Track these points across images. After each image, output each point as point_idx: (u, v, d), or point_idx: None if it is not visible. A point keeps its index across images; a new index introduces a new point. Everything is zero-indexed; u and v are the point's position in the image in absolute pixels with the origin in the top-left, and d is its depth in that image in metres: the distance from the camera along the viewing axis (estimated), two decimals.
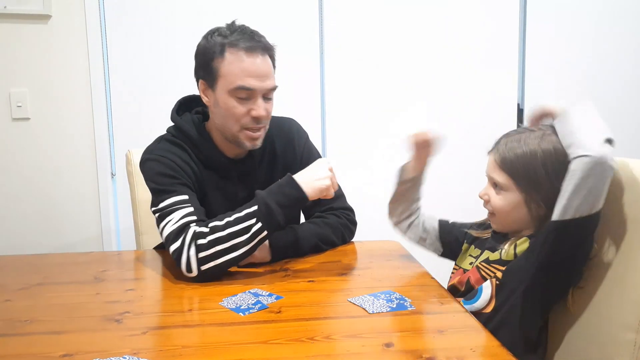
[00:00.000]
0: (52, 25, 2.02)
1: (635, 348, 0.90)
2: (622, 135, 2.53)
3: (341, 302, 0.98)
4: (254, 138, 1.22)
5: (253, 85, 1.17)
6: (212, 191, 1.27)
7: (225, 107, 1.19)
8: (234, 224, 1.09)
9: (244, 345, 0.80)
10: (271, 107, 1.25)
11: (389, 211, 1.26)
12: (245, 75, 1.16)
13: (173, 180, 1.19)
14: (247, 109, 1.18)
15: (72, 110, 2.07)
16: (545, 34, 2.30)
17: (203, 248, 1.07)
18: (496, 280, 1.02)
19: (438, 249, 1.24)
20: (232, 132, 1.21)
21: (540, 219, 1.01)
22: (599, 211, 0.92)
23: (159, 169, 1.20)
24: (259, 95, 1.19)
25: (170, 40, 2.09)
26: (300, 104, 2.19)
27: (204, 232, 1.09)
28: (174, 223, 1.12)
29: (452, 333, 0.85)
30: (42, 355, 0.78)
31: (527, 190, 1.01)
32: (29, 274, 1.18)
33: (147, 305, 0.98)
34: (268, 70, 1.20)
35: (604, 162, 0.88)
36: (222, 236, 1.08)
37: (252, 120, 1.19)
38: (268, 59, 1.21)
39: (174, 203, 1.15)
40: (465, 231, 1.19)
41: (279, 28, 2.15)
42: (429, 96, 2.28)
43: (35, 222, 2.09)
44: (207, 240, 1.08)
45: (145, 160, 1.24)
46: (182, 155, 1.24)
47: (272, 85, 1.21)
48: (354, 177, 2.26)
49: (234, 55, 1.17)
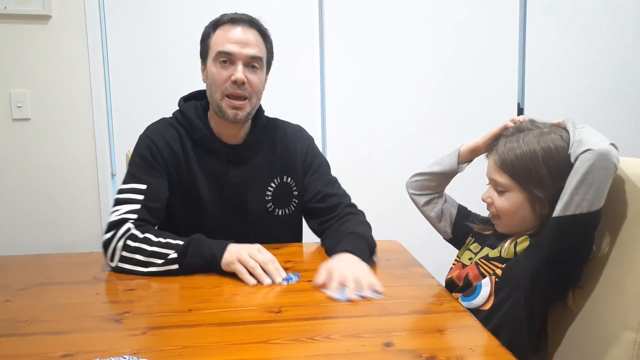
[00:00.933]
0: (53, 26, 2.02)
1: (635, 347, 0.90)
2: (620, 134, 2.54)
3: (341, 302, 0.98)
4: (235, 107, 1.27)
5: (231, 49, 1.25)
6: (202, 172, 1.32)
7: (211, 74, 1.28)
8: (160, 246, 1.16)
9: (244, 345, 0.80)
10: (257, 80, 1.29)
11: (414, 180, 1.23)
12: (226, 42, 1.25)
13: (144, 163, 1.28)
14: (228, 74, 1.26)
15: (72, 110, 2.07)
16: (545, 32, 2.30)
17: (128, 249, 1.16)
18: (495, 277, 1.02)
19: (447, 233, 1.24)
20: (216, 101, 1.29)
21: (544, 218, 1.01)
22: (599, 209, 0.92)
23: (139, 150, 1.31)
24: (238, 60, 1.25)
25: (171, 40, 2.09)
26: (300, 103, 2.19)
27: (136, 236, 1.17)
28: (117, 215, 1.21)
29: (452, 332, 0.85)
30: (42, 355, 0.78)
31: (529, 189, 1.01)
32: (30, 274, 1.19)
33: (147, 306, 0.98)
34: (250, 39, 1.27)
35: (607, 157, 0.89)
36: (146, 250, 1.16)
37: (233, 86, 1.25)
38: (254, 31, 1.29)
39: (130, 189, 1.25)
40: (470, 224, 1.19)
41: (279, 28, 2.15)
42: (429, 95, 2.28)
43: (35, 223, 2.09)
44: (134, 246, 1.16)
45: (139, 137, 1.35)
46: (170, 136, 1.32)
47: (253, 52, 1.26)
48: (354, 176, 2.26)
49: (221, 28, 1.28)
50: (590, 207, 0.91)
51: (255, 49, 1.27)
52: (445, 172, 1.20)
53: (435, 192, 1.23)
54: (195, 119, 1.33)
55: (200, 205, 1.32)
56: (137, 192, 1.25)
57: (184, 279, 1.12)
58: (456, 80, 2.28)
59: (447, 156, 1.21)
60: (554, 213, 0.95)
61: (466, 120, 2.28)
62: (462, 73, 2.28)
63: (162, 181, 1.29)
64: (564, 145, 0.99)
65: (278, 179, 1.38)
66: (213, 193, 1.31)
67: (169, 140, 1.31)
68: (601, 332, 0.96)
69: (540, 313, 1.02)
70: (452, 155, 1.19)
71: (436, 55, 2.27)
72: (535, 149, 1.00)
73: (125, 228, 1.18)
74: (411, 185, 1.25)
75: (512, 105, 2.32)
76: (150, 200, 1.25)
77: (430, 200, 1.23)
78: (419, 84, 2.27)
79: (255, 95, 1.30)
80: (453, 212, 1.23)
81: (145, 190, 1.25)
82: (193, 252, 1.14)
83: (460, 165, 1.19)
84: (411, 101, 2.27)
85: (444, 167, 1.20)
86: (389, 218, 2.16)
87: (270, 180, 1.38)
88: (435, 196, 1.23)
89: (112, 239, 1.17)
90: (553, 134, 1.01)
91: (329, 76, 2.23)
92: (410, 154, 2.27)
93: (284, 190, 1.40)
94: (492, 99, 2.30)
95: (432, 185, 1.22)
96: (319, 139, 2.25)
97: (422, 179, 1.23)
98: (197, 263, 1.14)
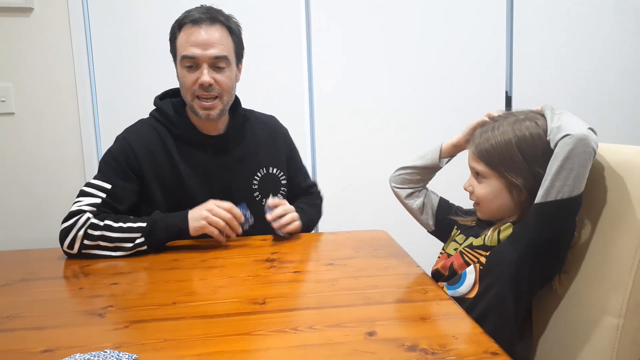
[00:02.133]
0: (35, 18, 1.99)
1: (618, 333, 0.90)
2: (607, 121, 2.54)
3: (326, 292, 0.98)
4: (206, 107, 1.29)
5: (194, 53, 1.24)
6: (187, 166, 1.34)
7: (180, 77, 1.29)
8: (122, 231, 1.20)
9: (227, 337, 0.80)
10: (224, 79, 1.29)
11: (397, 175, 1.25)
12: (188, 45, 1.25)
13: (115, 165, 1.30)
14: (194, 77, 1.26)
15: (57, 104, 2.05)
16: (532, 20, 2.30)
17: (90, 238, 1.20)
18: (480, 265, 1.02)
19: (430, 226, 1.25)
20: (188, 102, 1.30)
21: (523, 205, 1.02)
22: (580, 194, 0.93)
23: (113, 149, 1.33)
24: (203, 63, 1.25)
25: (155, 32, 2.07)
26: (287, 98, 2.18)
27: (97, 225, 1.21)
28: (78, 206, 1.25)
29: (435, 321, 0.85)
30: (22, 351, 0.77)
31: (505, 176, 1.03)
32: (12, 270, 1.18)
33: (130, 299, 0.97)
34: (213, 39, 1.25)
35: (586, 141, 0.90)
36: (109, 236, 1.20)
37: (200, 88, 1.26)
38: (218, 28, 1.26)
39: (96, 186, 1.28)
40: (454, 217, 1.20)
41: (265, 24, 2.13)
42: (417, 86, 2.27)
43: (20, 218, 2.07)
44: (97, 234, 1.20)
45: (116, 137, 1.36)
46: (149, 137, 1.33)
47: (216, 53, 1.25)
48: (342, 168, 2.26)
49: (184, 30, 1.26)
50: (571, 192, 0.92)
51: (219, 47, 1.26)
52: (427, 166, 1.22)
53: (418, 185, 1.24)
54: (175, 115, 1.33)
55: (188, 199, 1.32)
56: (101, 189, 1.28)
57: (170, 272, 1.11)
58: (444, 70, 2.28)
59: (430, 151, 1.22)
60: (535, 199, 0.95)
61: (454, 109, 2.28)
62: (449, 62, 2.27)
63: (131, 186, 1.30)
64: (538, 132, 0.99)
65: (264, 169, 1.39)
66: (200, 185, 1.32)
67: (148, 143, 1.31)
68: (585, 318, 0.96)
69: (526, 299, 1.03)
70: (435, 151, 1.21)
71: (423, 45, 2.26)
72: (510, 137, 1.01)
73: (85, 217, 1.21)
74: (394, 180, 1.26)
75: (500, 94, 2.32)
76: (112, 199, 1.28)
77: (412, 193, 1.25)
78: (406, 75, 2.26)
79: (226, 92, 1.31)
80: (434, 205, 1.25)
81: (109, 189, 1.28)
82: (158, 231, 1.20)
83: (441, 160, 1.20)
84: (399, 91, 2.27)
85: (426, 161, 1.22)
86: (378, 211, 2.17)
87: (257, 170, 1.39)
88: (417, 189, 1.24)
89: (71, 228, 1.20)
90: (528, 121, 1.02)
91: (316, 70, 2.21)
92: (399, 145, 2.27)
93: (272, 181, 1.41)
94: (480, 88, 2.29)
95: (415, 178, 1.24)
96: (308, 129, 2.24)
97: (405, 172, 1.24)
98: (165, 239, 1.22)
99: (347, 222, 2.15)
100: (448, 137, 1.19)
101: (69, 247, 1.21)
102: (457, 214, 1.20)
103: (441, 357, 0.72)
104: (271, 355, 0.74)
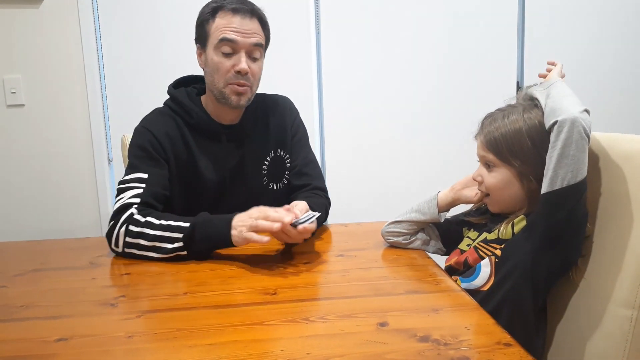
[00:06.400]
0: (44, 9, 2.00)
1: (632, 324, 0.89)
2: (617, 111, 2.51)
3: (337, 282, 0.98)
4: (239, 92, 1.28)
5: (235, 38, 1.24)
6: (202, 156, 1.33)
7: (213, 62, 1.27)
8: (164, 229, 1.14)
9: (239, 327, 0.80)
10: (257, 69, 1.30)
11: (391, 231, 1.19)
12: (228, 30, 1.24)
13: (144, 154, 1.28)
14: (231, 63, 1.26)
15: (66, 95, 2.06)
16: (544, 9, 2.27)
17: (131, 235, 1.15)
18: (495, 258, 1.02)
19: (442, 250, 1.21)
20: (219, 88, 1.28)
21: (532, 195, 1.02)
22: (584, 178, 0.93)
23: (137, 141, 1.30)
24: (241, 50, 1.25)
25: (165, 23, 2.07)
26: (296, 90, 2.17)
27: (139, 221, 1.15)
28: (121, 202, 1.20)
29: (447, 312, 0.84)
30: (37, 340, 0.78)
31: (515, 165, 1.02)
32: (25, 260, 1.19)
33: (142, 289, 0.98)
34: (253, 28, 1.27)
35: (579, 127, 0.90)
36: (149, 234, 1.14)
37: (236, 75, 1.26)
38: (255, 20, 1.28)
39: (132, 179, 1.24)
40: (462, 219, 1.19)
41: (275, 18, 2.12)
42: (429, 76, 2.25)
43: (31, 209, 2.09)
44: (137, 230, 1.14)
45: (135, 129, 1.34)
46: (168, 125, 1.31)
47: (255, 41, 1.26)
48: (350, 162, 2.25)
49: (222, 16, 1.26)
50: (576, 178, 0.92)
51: (257, 37, 1.27)
52: (426, 221, 1.17)
53: (416, 231, 1.19)
54: (190, 104, 1.33)
55: (201, 188, 1.32)
56: (139, 180, 1.24)
57: (180, 263, 1.11)
58: (455, 60, 2.26)
59: (425, 204, 1.16)
60: (542, 190, 0.95)
61: (466, 99, 2.26)
62: (461, 51, 2.26)
63: (163, 172, 1.28)
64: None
65: (272, 152, 1.40)
66: (215, 174, 1.32)
67: (167, 129, 1.31)
68: (598, 309, 0.95)
69: (544, 290, 1.02)
70: (432, 204, 1.15)
71: (435, 35, 2.24)
72: (520, 126, 1.01)
73: (128, 213, 1.17)
74: (388, 235, 1.19)
75: (511, 83, 2.30)
76: (153, 185, 1.24)
77: (410, 241, 1.19)
78: (418, 65, 2.25)
79: (256, 82, 1.32)
80: (437, 232, 1.20)
81: (147, 178, 1.24)
82: (200, 237, 1.12)
83: (440, 214, 1.16)
84: (411, 82, 2.25)
85: (424, 215, 1.16)
86: (388, 203, 2.17)
87: (267, 154, 1.39)
88: (413, 237, 1.19)
89: (115, 226, 1.17)
90: (536, 109, 1.02)
91: (325, 64, 2.20)
92: (410, 137, 2.26)
93: (278, 164, 1.41)
94: (491, 78, 2.27)
95: (413, 229, 1.18)
96: (317, 125, 2.24)
97: (400, 227, 1.18)
98: (206, 247, 1.14)
99: (356, 214, 2.15)
100: (458, 127, 1.16)
101: (115, 245, 1.17)
102: (470, 215, 1.18)
103: (454, 348, 0.71)
104: (283, 345, 0.74)
